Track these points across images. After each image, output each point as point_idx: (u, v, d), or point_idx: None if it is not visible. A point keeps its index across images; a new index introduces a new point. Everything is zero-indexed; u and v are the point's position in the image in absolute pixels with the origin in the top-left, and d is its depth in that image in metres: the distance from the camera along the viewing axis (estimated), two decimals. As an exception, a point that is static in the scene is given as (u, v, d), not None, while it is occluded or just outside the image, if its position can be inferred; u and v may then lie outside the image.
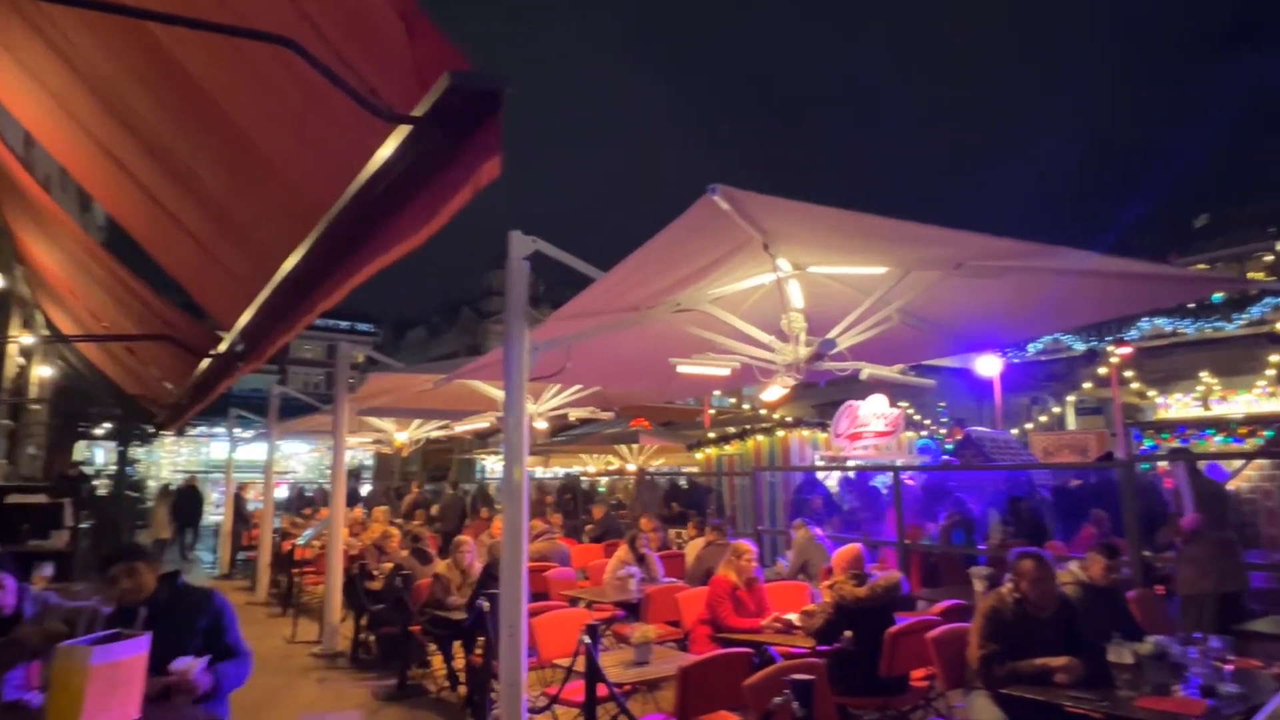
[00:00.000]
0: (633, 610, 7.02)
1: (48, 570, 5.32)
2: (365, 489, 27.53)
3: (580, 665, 3.84)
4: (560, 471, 27.07)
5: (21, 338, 10.55)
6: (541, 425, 8.40)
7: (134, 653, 2.29)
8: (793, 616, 4.85)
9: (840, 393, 23.00)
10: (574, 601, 6.63)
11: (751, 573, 5.14)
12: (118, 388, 13.60)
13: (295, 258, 2.88)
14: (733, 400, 33.01)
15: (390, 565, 7.46)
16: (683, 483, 17.41)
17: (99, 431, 23.92)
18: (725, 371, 5.10)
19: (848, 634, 4.31)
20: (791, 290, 4.93)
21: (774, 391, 5.48)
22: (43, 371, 13.80)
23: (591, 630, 3.72)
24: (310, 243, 2.70)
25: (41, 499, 7.72)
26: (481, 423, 8.27)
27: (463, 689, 5.85)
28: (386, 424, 11.50)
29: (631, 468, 19.32)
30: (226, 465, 15.06)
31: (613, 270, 3.92)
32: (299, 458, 40.59)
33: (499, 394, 8.03)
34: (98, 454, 28.31)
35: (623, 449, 19.10)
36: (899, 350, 5.93)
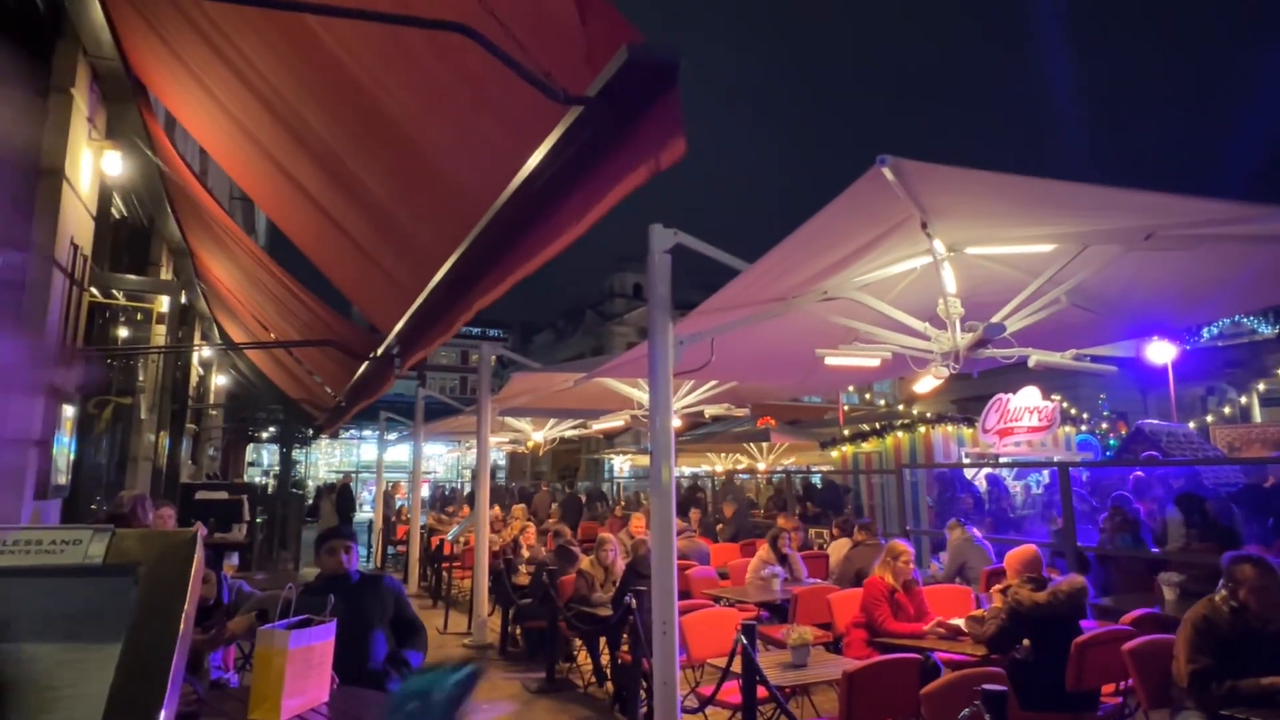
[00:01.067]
0: (776, 611, 6.84)
1: (234, 560, 5.79)
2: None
3: (736, 665, 3.73)
4: (688, 471, 27.04)
5: (203, 349, 11.60)
6: (676, 423, 8.34)
7: (324, 639, 2.39)
8: (959, 622, 4.53)
9: (985, 386, 21.71)
10: (717, 600, 6.54)
11: (909, 574, 4.85)
12: (282, 393, 14.79)
13: (454, 257, 2.93)
14: (868, 395, 31.97)
15: (529, 559, 7.64)
16: (816, 481, 16.95)
17: (265, 435, 26.26)
18: (875, 362, 4.85)
19: (1025, 643, 3.98)
20: (945, 274, 4.64)
21: (927, 383, 5.17)
22: (220, 380, 15.15)
23: (749, 630, 3.60)
24: (469, 241, 2.74)
25: (223, 495, 8.44)
26: (615, 421, 8.33)
27: (610, 685, 5.87)
28: (524, 424, 11.85)
29: (761, 467, 19.02)
30: (377, 465, 16.02)
31: (763, 258, 3.79)
32: (439, 459, 42.85)
33: (633, 392, 8.06)
34: (264, 456, 30.97)
35: (751, 448, 18.82)
36: (1063, 337, 5.47)
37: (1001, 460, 11.40)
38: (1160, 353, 13.36)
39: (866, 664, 3.35)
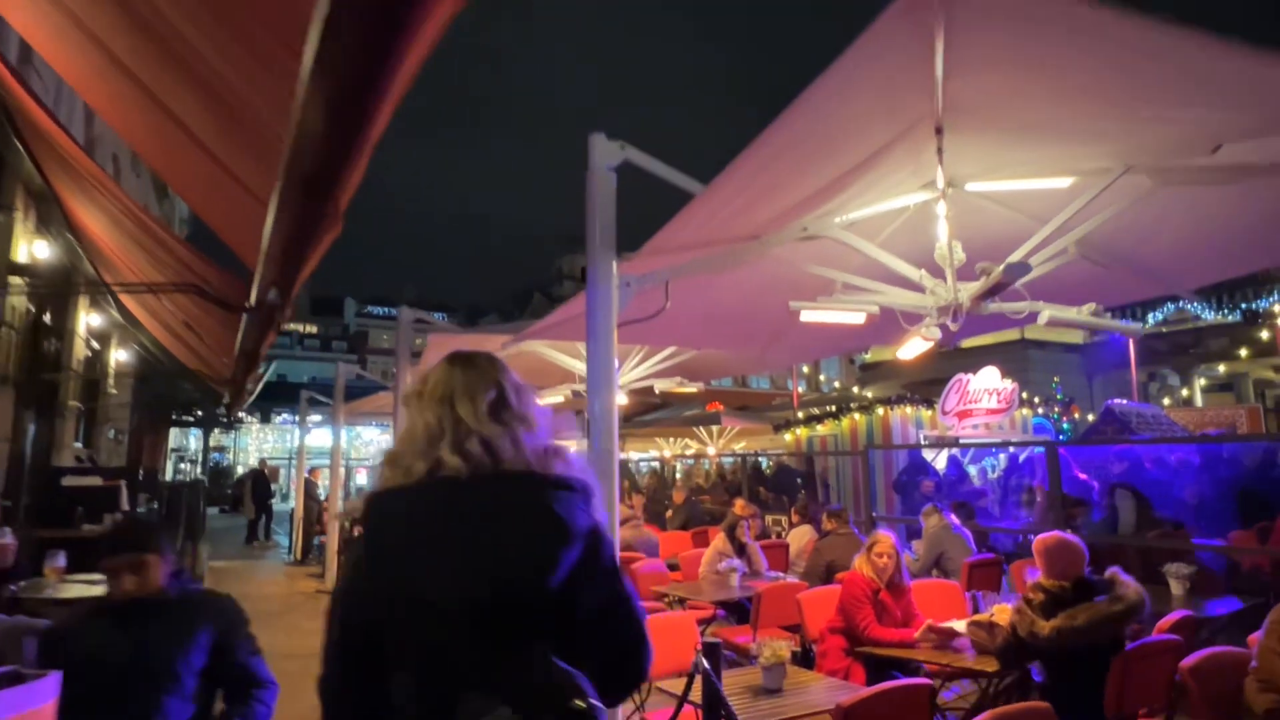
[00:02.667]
0: (734, 610, 6.06)
1: (60, 561, 4.69)
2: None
3: (696, 693, 2.90)
4: (634, 456, 26.26)
5: (88, 316, 10.26)
6: (622, 399, 7.49)
7: (25, 706, 1.45)
8: (957, 625, 3.78)
9: (937, 370, 21.42)
10: (666, 600, 5.72)
11: (894, 571, 4.09)
12: (185, 368, 13.43)
13: (292, 129, 1.99)
14: (821, 377, 31.68)
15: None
16: (765, 464, 16.31)
17: (190, 419, 24.45)
18: (859, 318, 4.05)
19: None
20: (942, 213, 3.87)
21: (914, 346, 4.40)
22: (120, 356, 13.70)
23: (711, 652, 2.76)
24: (301, 100, 1.80)
25: (96, 481, 7.25)
26: (554, 397, 7.42)
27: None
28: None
29: (712, 451, 18.35)
30: (299, 450, 14.78)
31: (727, 171, 2.92)
32: (380, 444, 41.27)
33: (574, 364, 7.16)
34: (192, 441, 29.07)
35: (701, 432, 18.11)
36: (1061, 295, 4.74)
37: (965, 441, 10.88)
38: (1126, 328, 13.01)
39: (868, 695, 2.54)
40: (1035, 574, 3.39)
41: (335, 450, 10.55)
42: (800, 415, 14.16)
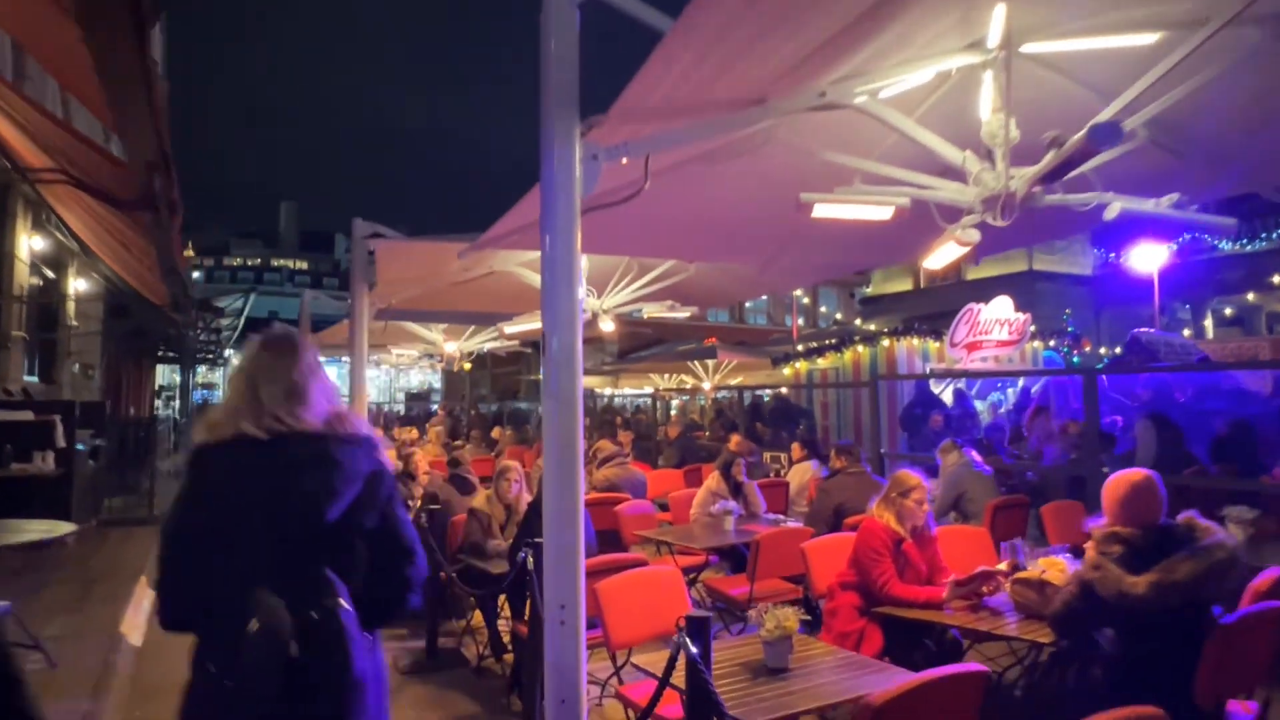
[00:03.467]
0: (728, 556, 5.47)
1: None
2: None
3: (679, 676, 2.27)
4: (628, 392, 25.71)
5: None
6: (608, 326, 6.76)
7: None
8: (1005, 580, 3.15)
9: (939, 303, 20.66)
10: (651, 545, 5.12)
11: (922, 518, 3.44)
12: (144, 299, 12.64)
13: None
14: (822, 309, 30.97)
15: (424, 493, 6.09)
16: (765, 399, 15.69)
17: (173, 355, 23.69)
18: (884, 212, 3.30)
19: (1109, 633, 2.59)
20: (988, 82, 3.11)
21: (946, 253, 3.67)
22: (80, 285, 12.87)
23: (697, 628, 2.12)
24: None
25: (27, 416, 6.57)
26: (531, 323, 6.70)
27: (510, 658, 4.45)
28: (434, 334, 10.12)
29: (707, 386, 17.72)
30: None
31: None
32: (371, 381, 40.63)
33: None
34: (176, 377, 28.43)
35: (696, 367, 17.42)
36: (1127, 187, 3.98)
37: (994, 371, 10.25)
38: (1147, 258, 12.24)
39: (907, 690, 1.90)
40: (1097, 521, 2.72)
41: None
42: (800, 348, 13.49)
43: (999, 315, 11.13)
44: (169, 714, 1.70)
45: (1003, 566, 3.23)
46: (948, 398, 11.07)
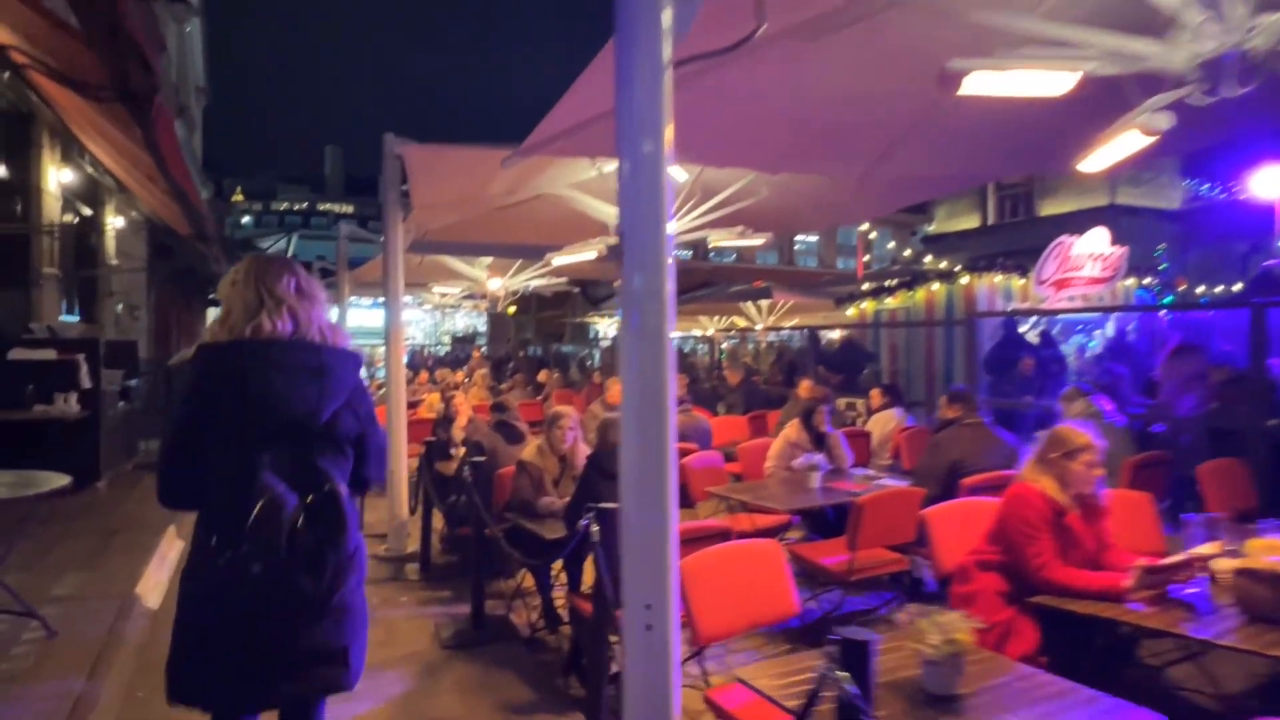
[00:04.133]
0: (809, 517, 4.80)
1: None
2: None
3: (823, 707, 1.61)
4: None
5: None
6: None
7: None
8: (1219, 560, 2.42)
9: (1014, 241, 19.30)
10: (721, 504, 4.48)
11: (1093, 484, 2.70)
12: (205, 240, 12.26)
13: None
14: (867, 257, 29.69)
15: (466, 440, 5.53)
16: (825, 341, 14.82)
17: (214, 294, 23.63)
18: (1063, 82, 2.48)
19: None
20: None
21: (1120, 146, 2.88)
22: (117, 222, 12.53)
23: (855, 655, 1.45)
24: None
25: (49, 355, 6.15)
26: (585, 253, 5.99)
27: (567, 629, 3.89)
28: (477, 271, 9.48)
29: (760, 328, 16.92)
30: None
31: None
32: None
33: (606, 210, 5.67)
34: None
35: (749, 308, 16.54)
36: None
37: (1097, 307, 9.30)
38: (1271, 183, 10.94)
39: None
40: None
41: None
42: (865, 287, 12.54)
43: (1093, 249, 10.09)
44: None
45: (1208, 549, 2.49)
46: (1032, 340, 10.13)
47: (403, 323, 5.72)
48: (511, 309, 28.12)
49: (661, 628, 1.82)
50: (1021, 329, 9.91)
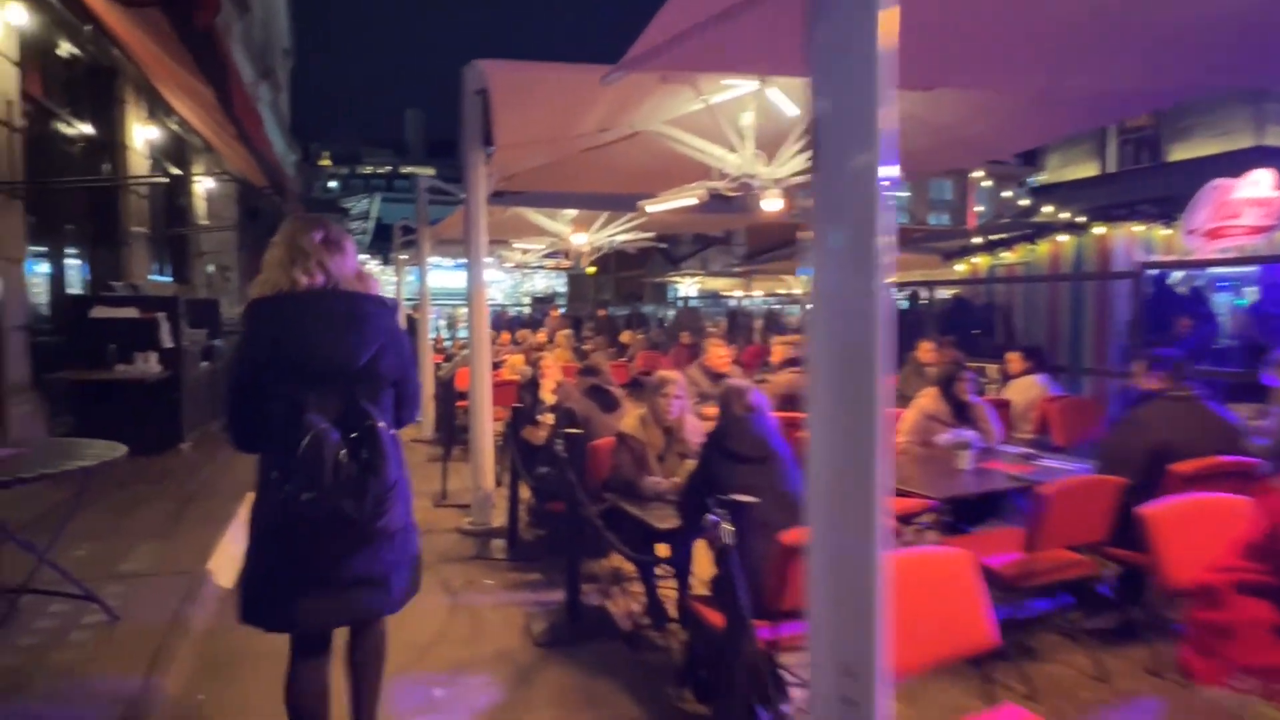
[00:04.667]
0: (965, 509, 4.10)
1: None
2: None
3: None
4: (758, 295, 24.07)
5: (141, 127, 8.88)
6: (774, 205, 5.30)
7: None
8: None
9: (1141, 190, 17.54)
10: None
11: None
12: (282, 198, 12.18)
13: None
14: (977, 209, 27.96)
15: (555, 405, 5.05)
16: (925, 300, 13.77)
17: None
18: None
19: None
20: None
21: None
22: (207, 183, 12.57)
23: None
24: None
25: (131, 313, 5.97)
26: (683, 199, 5.35)
27: (678, 628, 3.37)
28: (560, 225, 8.96)
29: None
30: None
31: None
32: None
33: (712, 152, 5.02)
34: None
35: None
36: None
37: None
38: None
39: None
40: None
41: (423, 273, 8.99)
42: (977, 241, 11.45)
43: (1253, 194, 8.78)
44: (239, 691, 2.19)
45: None
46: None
47: (484, 281, 5.23)
48: (592, 269, 27.72)
49: (866, 706, 1.23)
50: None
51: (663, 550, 3.40)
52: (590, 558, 4.12)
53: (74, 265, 7.42)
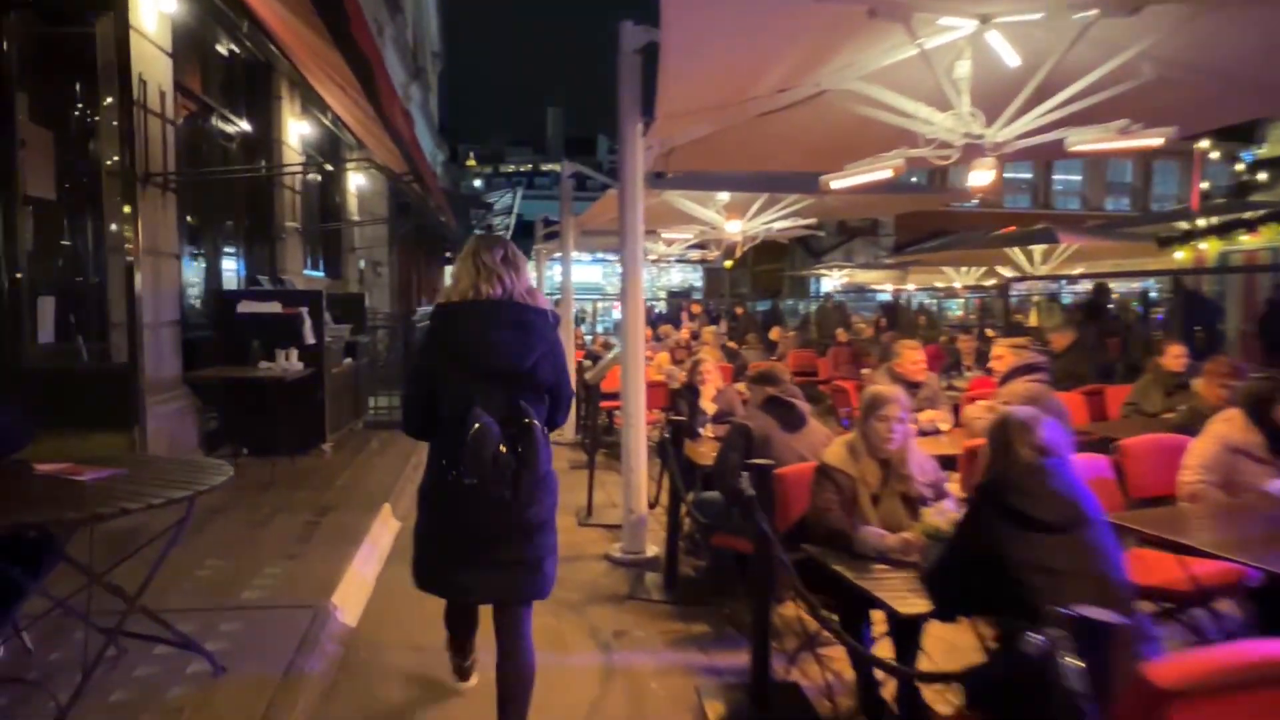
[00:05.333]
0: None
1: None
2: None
3: None
4: (911, 289, 22.29)
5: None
6: (983, 178, 4.29)
7: None
8: None
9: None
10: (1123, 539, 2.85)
11: None
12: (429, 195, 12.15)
13: None
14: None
15: (718, 414, 4.30)
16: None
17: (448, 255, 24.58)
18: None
19: None
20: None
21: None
22: (359, 180, 12.77)
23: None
24: None
25: (274, 308, 5.77)
26: (876, 172, 4.42)
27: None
28: (711, 213, 8.19)
29: (1039, 273, 14.05)
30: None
31: None
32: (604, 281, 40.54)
33: (919, 111, 4.08)
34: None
35: (1017, 254, 13.68)
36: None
37: None
38: None
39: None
40: None
41: (566, 264, 8.45)
42: (1203, 224, 9.65)
43: None
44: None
45: None
46: None
47: (619, 278, 4.55)
48: (729, 262, 26.76)
49: None
50: None
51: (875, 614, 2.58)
52: (788, 600, 3.34)
53: (230, 261, 7.46)
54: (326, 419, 5.94)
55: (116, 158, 4.82)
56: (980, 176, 4.38)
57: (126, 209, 4.78)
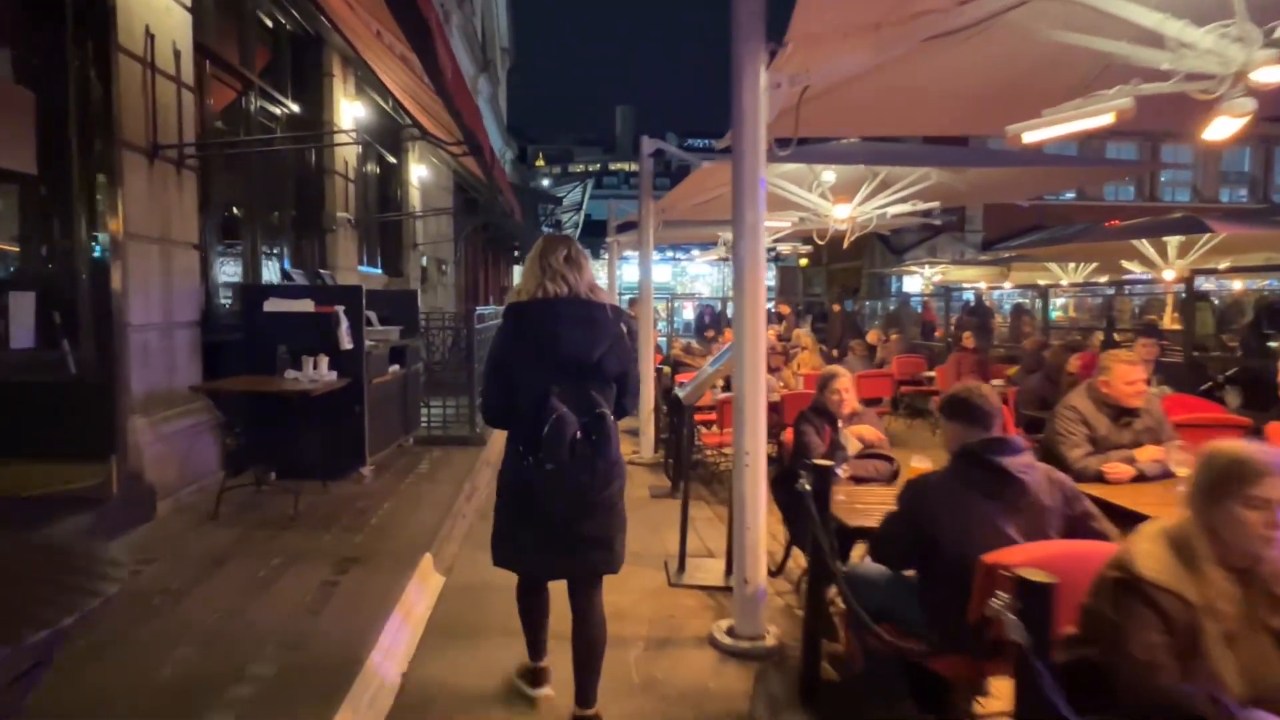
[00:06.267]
0: None
1: None
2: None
3: None
4: (1008, 288, 20.35)
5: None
6: (1230, 128, 3.00)
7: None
8: None
9: None
10: None
11: None
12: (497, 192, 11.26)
13: None
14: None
15: (864, 452, 3.14)
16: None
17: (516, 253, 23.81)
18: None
19: None
20: None
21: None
22: (420, 171, 11.99)
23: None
24: None
25: (307, 306, 4.86)
26: (1095, 116, 3.16)
27: None
28: (816, 197, 6.98)
29: (1170, 275, 12.30)
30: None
31: None
32: (704, 279, 39.27)
33: (1167, 27, 2.83)
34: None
35: (1145, 247, 11.85)
36: None
37: None
38: None
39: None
40: None
41: (645, 258, 7.38)
42: None
43: None
44: None
45: None
46: None
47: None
48: (804, 260, 25.25)
49: None
50: None
51: None
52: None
53: (274, 255, 6.65)
54: (366, 437, 4.99)
55: (101, 124, 3.95)
56: (1225, 125, 3.11)
57: (103, 180, 3.90)
